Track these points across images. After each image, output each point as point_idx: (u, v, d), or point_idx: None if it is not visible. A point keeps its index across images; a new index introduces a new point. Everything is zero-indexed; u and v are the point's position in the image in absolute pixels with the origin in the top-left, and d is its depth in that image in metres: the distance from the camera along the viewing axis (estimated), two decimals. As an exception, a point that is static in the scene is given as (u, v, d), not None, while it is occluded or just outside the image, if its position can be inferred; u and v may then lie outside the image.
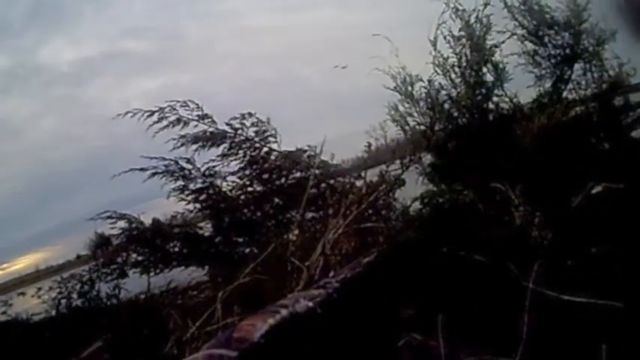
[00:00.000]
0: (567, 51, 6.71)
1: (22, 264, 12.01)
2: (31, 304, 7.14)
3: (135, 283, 6.68)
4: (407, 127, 6.67)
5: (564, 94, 6.75)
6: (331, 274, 4.71)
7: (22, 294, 7.83)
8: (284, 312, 3.32)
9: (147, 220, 6.63)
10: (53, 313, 6.66)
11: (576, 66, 6.76)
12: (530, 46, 6.74)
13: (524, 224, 5.08)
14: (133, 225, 6.44)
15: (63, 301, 6.63)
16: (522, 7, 6.64)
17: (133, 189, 6.69)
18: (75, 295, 6.62)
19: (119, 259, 6.59)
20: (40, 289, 7.02)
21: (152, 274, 6.48)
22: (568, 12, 6.67)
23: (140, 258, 6.51)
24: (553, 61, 6.73)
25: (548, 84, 6.75)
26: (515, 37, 6.69)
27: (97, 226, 6.82)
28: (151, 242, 6.45)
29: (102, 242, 7.30)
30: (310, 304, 3.58)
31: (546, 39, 6.72)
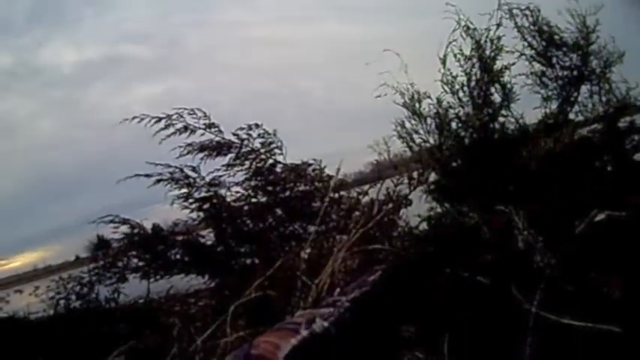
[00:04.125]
0: (575, 72, 6.90)
1: (19, 262, 12.23)
2: (27, 302, 7.37)
3: (131, 288, 6.94)
4: (413, 144, 6.86)
5: (570, 115, 6.94)
6: (336, 291, 5.00)
7: (20, 291, 8.08)
8: (304, 332, 3.60)
9: (147, 226, 6.86)
10: (51, 312, 6.88)
11: (583, 88, 6.94)
12: (538, 67, 6.93)
13: (527, 248, 5.35)
14: (135, 230, 6.68)
15: (61, 302, 6.85)
16: (532, 28, 6.83)
17: (130, 193, 6.94)
18: (73, 297, 6.86)
19: (120, 264, 6.82)
20: (37, 287, 7.27)
21: (152, 279, 6.73)
22: (577, 33, 6.84)
23: (141, 263, 6.75)
24: (560, 82, 6.92)
25: (554, 105, 6.94)
26: (523, 57, 6.87)
27: (97, 228, 7.01)
28: (152, 248, 6.69)
29: (102, 245, 7.52)
30: (325, 324, 3.88)
31: (554, 60, 6.91)
